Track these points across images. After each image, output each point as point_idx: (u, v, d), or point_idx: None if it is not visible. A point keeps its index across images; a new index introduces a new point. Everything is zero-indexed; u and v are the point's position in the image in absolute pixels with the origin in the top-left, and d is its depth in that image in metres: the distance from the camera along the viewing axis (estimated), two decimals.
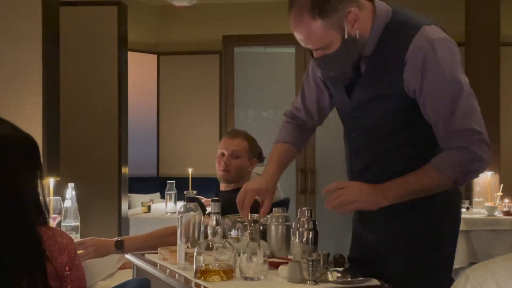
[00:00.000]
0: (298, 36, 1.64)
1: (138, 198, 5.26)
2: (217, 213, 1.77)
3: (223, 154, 2.56)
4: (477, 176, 1.65)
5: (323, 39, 1.58)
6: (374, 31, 1.62)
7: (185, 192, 1.89)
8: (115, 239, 2.28)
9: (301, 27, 1.60)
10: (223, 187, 2.62)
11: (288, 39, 7.27)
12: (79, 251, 1.96)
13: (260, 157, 4.43)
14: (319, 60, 1.66)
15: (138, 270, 2.09)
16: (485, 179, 4.60)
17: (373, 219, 1.75)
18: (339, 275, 1.67)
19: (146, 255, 2.07)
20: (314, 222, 1.75)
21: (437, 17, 1.81)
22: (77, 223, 2.73)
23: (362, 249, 1.84)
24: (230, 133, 2.73)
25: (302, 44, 1.65)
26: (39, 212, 1.32)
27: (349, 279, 1.64)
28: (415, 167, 1.61)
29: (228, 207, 2.31)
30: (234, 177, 2.56)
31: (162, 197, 4.94)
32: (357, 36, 1.59)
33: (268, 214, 1.90)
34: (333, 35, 1.57)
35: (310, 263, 1.57)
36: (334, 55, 1.60)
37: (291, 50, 5.89)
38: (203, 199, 3.94)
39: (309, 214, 1.75)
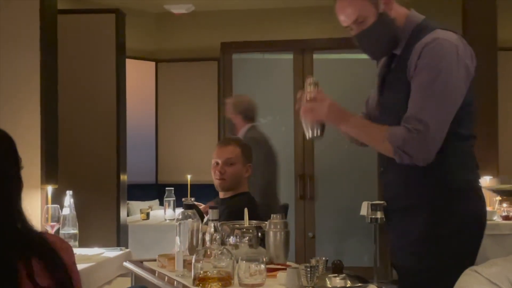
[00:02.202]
0: (339, 16, 1.83)
1: (137, 205, 5.25)
2: (215, 220, 1.76)
3: (217, 163, 2.57)
4: (408, 159, 1.71)
5: (360, 7, 1.78)
6: (405, 32, 1.79)
7: (184, 199, 1.89)
8: None
9: (342, 2, 1.82)
10: (222, 194, 2.63)
11: (286, 46, 7.26)
12: None
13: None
14: (358, 36, 1.82)
15: (137, 277, 2.09)
16: (484, 184, 4.60)
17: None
18: (338, 281, 1.67)
19: (144, 263, 2.06)
20: None
21: None
22: (76, 231, 2.73)
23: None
24: (222, 141, 2.74)
25: (345, 24, 1.83)
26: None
27: (347, 285, 1.64)
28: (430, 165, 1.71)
29: (230, 214, 2.31)
30: (230, 184, 2.56)
31: (161, 204, 4.93)
32: (392, 17, 1.77)
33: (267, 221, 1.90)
34: (368, 6, 1.77)
35: (309, 269, 1.57)
36: (370, 29, 1.78)
37: (289, 56, 5.90)
38: (202, 206, 3.93)
39: None
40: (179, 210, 2.51)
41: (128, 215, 4.64)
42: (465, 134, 1.78)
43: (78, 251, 2.66)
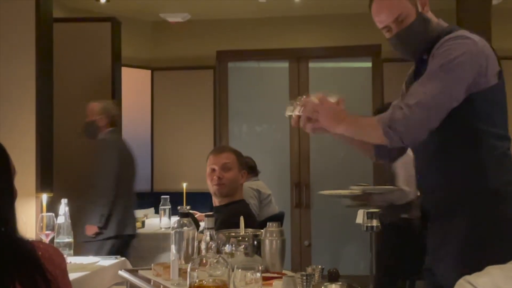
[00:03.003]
0: (378, 16, 1.81)
1: None
2: (211, 228, 1.76)
3: (213, 170, 2.57)
4: (397, 138, 1.66)
5: (401, 6, 1.78)
6: (436, 35, 1.79)
7: (179, 207, 1.88)
8: None
9: (382, 2, 1.80)
10: (217, 202, 2.61)
11: (281, 54, 7.28)
12: None
13: (254, 171, 4.44)
14: (397, 35, 1.80)
15: (132, 286, 2.08)
16: None
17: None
18: None
19: (139, 271, 2.05)
20: None
21: None
22: (70, 239, 2.71)
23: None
24: (216, 149, 2.74)
25: (381, 25, 1.82)
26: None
27: None
28: (462, 165, 1.71)
29: (223, 222, 2.30)
30: (229, 189, 2.56)
31: (156, 212, 4.92)
32: (429, 17, 1.80)
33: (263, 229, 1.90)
34: (408, 6, 1.78)
35: (305, 277, 1.56)
36: (410, 27, 1.78)
37: (285, 65, 5.92)
38: (197, 214, 3.93)
39: None
40: (175, 219, 2.51)
41: None
42: (501, 134, 1.75)
43: (73, 259, 2.65)
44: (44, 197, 2.89)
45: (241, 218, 2.02)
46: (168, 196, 4.32)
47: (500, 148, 1.74)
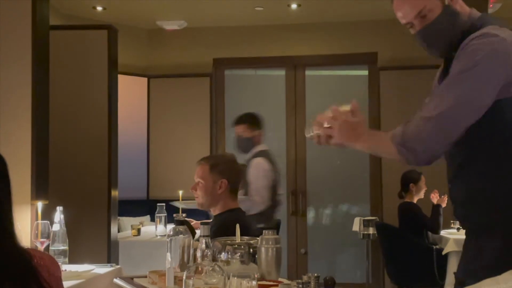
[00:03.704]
0: (399, 12, 1.66)
1: (128, 221, 5.22)
2: (207, 236, 1.76)
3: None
4: (411, 156, 1.55)
5: (424, 0, 1.62)
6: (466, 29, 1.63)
7: (175, 215, 1.88)
8: None
9: None
10: (212, 211, 2.63)
11: (278, 62, 7.29)
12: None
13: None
14: (420, 32, 1.65)
15: None
16: None
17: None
18: None
19: (135, 279, 2.04)
20: None
21: None
22: (66, 247, 2.70)
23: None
24: (197, 161, 2.71)
25: (404, 21, 1.66)
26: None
27: None
28: (490, 178, 1.57)
29: (216, 231, 2.30)
30: (205, 201, 2.57)
31: (152, 219, 4.91)
32: (458, 10, 1.63)
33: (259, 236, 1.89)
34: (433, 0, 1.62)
35: (301, 285, 1.56)
36: (434, 23, 1.62)
37: (282, 72, 5.94)
38: (193, 222, 3.92)
39: None
40: (170, 226, 2.50)
41: (119, 231, 4.61)
42: None
43: (68, 267, 2.64)
44: (40, 204, 2.88)
45: (237, 226, 2.02)
46: (164, 204, 4.31)
47: None
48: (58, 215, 2.72)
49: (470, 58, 1.53)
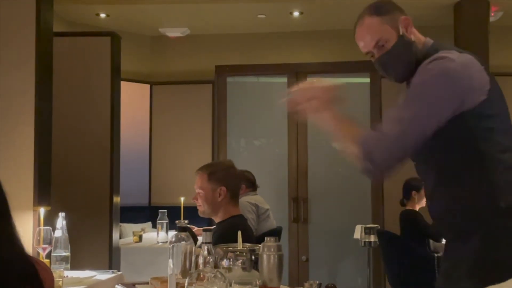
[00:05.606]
0: (360, 43, 1.83)
1: (130, 228, 5.22)
2: (209, 242, 1.76)
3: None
4: (370, 163, 1.66)
5: (380, 30, 1.78)
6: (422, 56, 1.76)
7: (177, 221, 1.89)
8: None
9: (362, 28, 1.84)
10: (215, 219, 2.64)
11: (280, 69, 7.28)
12: None
13: (253, 186, 4.44)
14: (379, 60, 1.80)
15: None
16: None
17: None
18: None
19: (136, 286, 2.05)
20: None
21: None
22: (68, 253, 2.71)
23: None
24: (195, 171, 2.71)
25: (365, 51, 1.83)
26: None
27: None
28: (466, 187, 1.65)
29: (217, 239, 2.30)
30: (207, 210, 2.59)
31: (154, 226, 4.91)
32: (412, 39, 1.77)
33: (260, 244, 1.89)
34: (388, 30, 1.78)
35: None
36: (391, 51, 1.77)
37: (283, 80, 5.94)
38: (195, 229, 3.92)
39: None
40: (172, 233, 2.51)
41: (120, 238, 4.61)
42: (505, 147, 1.66)
43: (69, 273, 2.65)
44: (42, 210, 2.89)
45: (239, 233, 2.02)
46: (165, 210, 4.31)
47: (505, 161, 1.65)
48: (60, 221, 2.72)
49: (422, 78, 1.67)
